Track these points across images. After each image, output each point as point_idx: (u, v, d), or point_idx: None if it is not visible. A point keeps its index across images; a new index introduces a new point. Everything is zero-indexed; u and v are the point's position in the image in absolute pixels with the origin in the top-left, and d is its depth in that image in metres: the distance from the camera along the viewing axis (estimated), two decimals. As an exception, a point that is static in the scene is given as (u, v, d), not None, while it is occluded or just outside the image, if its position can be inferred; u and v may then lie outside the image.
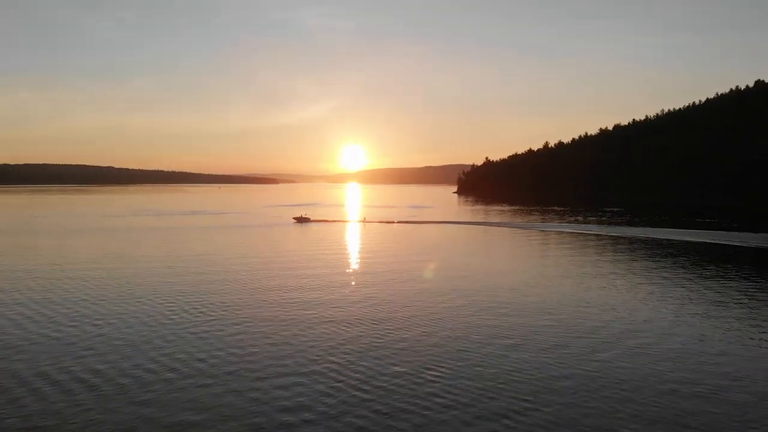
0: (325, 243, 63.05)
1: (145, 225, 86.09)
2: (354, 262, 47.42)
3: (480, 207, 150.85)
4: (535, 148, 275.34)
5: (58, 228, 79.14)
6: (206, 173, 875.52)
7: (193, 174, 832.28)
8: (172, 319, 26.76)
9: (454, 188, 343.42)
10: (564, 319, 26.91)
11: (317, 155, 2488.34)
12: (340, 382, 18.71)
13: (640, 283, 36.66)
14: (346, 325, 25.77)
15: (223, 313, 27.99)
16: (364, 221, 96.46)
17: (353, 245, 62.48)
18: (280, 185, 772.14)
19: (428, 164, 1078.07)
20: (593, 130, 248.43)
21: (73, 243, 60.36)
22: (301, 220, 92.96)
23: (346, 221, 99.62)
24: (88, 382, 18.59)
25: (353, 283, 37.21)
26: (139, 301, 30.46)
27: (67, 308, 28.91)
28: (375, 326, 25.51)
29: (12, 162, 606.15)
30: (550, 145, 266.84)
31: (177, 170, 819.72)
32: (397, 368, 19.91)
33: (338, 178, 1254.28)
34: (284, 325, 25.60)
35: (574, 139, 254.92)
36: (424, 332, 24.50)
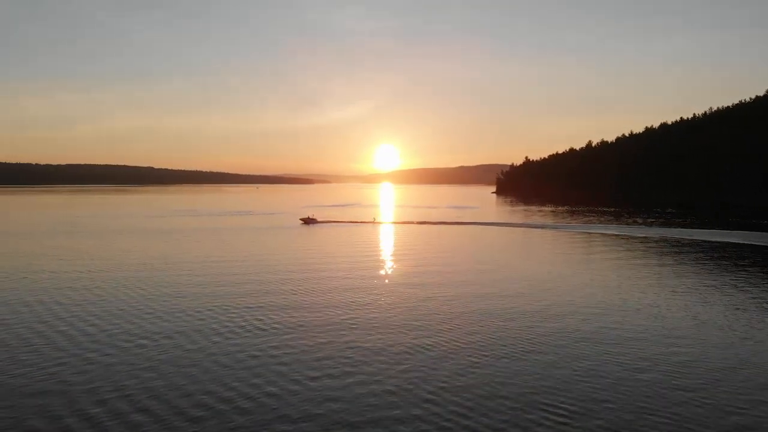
0: (367, 247, 60.11)
1: (193, 226, 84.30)
2: (407, 267, 44.10)
3: (522, 207, 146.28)
4: (577, 147, 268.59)
5: (102, 229, 78.05)
6: (243, 173, 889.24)
7: (231, 174, 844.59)
8: (230, 338, 23.76)
9: (490, 188, 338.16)
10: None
11: (351, 155, 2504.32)
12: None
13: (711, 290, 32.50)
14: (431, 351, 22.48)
15: (288, 328, 24.89)
16: (373, 221, 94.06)
17: (387, 247, 59.24)
18: (315, 185, 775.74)
19: (462, 164, 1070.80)
20: (639, 129, 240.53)
21: (119, 245, 58.62)
22: (308, 221, 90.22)
23: (355, 222, 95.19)
24: (168, 401, 15.66)
25: (415, 293, 33.81)
26: (197, 313, 27.67)
27: (117, 322, 26.19)
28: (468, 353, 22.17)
29: (53, 162, 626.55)
30: (593, 144, 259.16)
31: (215, 170, 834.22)
32: (503, 398, 16.52)
33: (371, 179, 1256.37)
34: (367, 348, 22.33)
35: (618, 137, 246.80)
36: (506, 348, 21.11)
